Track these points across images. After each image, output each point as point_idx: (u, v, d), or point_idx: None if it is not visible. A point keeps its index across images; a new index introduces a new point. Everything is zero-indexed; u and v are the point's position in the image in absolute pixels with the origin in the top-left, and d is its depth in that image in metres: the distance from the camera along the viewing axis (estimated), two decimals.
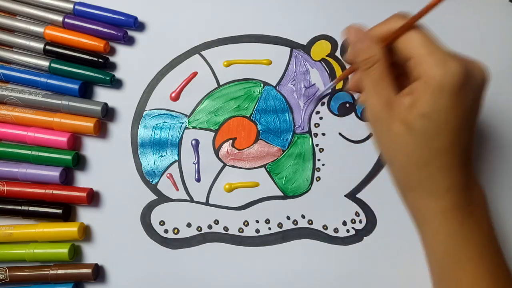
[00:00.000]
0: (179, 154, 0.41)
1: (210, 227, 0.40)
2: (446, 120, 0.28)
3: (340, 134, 0.41)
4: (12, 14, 0.41)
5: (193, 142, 0.41)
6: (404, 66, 0.30)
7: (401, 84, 0.30)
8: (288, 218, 0.40)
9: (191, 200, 0.40)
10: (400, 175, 0.31)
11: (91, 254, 0.39)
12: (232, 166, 0.41)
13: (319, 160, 0.41)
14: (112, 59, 0.42)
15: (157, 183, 0.40)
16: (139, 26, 0.42)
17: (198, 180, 0.40)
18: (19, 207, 0.38)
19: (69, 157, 0.39)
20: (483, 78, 0.29)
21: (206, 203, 0.40)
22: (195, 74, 0.42)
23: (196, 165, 0.41)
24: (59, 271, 0.38)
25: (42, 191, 0.38)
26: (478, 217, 0.30)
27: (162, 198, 0.40)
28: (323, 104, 0.41)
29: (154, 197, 0.40)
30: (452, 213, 0.29)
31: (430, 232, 0.31)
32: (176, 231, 0.40)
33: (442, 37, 0.42)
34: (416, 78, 0.28)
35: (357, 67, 0.31)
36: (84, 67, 0.40)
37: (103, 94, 0.41)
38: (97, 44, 0.40)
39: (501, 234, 0.40)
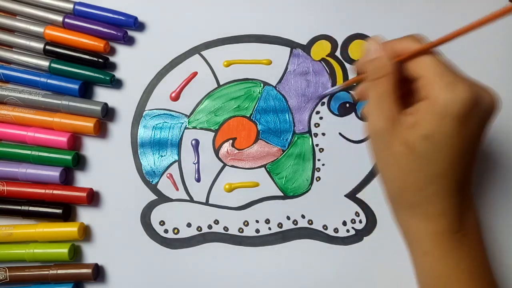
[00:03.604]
0: (179, 154, 0.41)
1: (210, 227, 0.40)
2: (448, 144, 0.27)
3: (340, 134, 0.41)
4: (12, 14, 0.41)
5: (193, 142, 0.41)
6: (412, 86, 0.29)
7: (406, 104, 0.29)
8: (288, 218, 0.40)
9: (191, 200, 0.40)
10: (394, 193, 0.30)
11: (91, 254, 0.39)
12: (232, 166, 0.41)
13: (319, 160, 0.41)
14: (112, 59, 0.42)
15: (157, 183, 0.40)
16: (139, 26, 0.42)
17: (198, 180, 0.40)
18: (19, 207, 0.38)
19: (69, 157, 0.39)
20: (492, 106, 0.28)
21: (206, 203, 0.40)
22: (195, 74, 0.42)
23: (196, 165, 0.41)
24: (59, 271, 0.38)
25: (42, 191, 0.38)
26: (470, 241, 0.30)
27: (162, 198, 0.40)
28: (323, 104, 0.41)
29: (154, 197, 0.40)
30: (443, 237, 0.29)
31: (420, 253, 0.30)
32: (176, 231, 0.40)
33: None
34: (423, 99, 0.28)
35: (365, 76, 0.31)
36: (84, 67, 0.40)
37: (103, 94, 0.41)
38: (97, 44, 0.40)
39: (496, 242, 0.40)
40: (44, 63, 0.40)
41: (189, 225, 0.40)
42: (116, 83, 0.41)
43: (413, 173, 0.28)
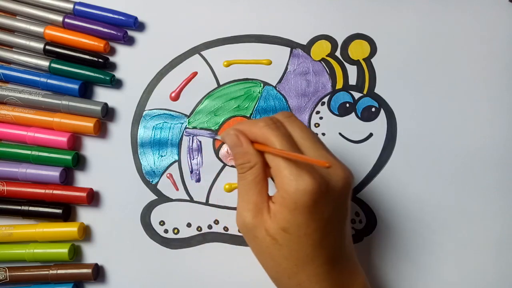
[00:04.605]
0: (179, 154, 0.41)
1: (210, 227, 0.40)
2: (305, 234, 0.28)
3: (340, 134, 0.41)
4: (12, 14, 0.41)
5: (194, 145, 0.41)
6: None
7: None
8: None
9: (191, 200, 0.40)
10: (273, 278, 0.31)
11: (91, 254, 0.39)
12: (232, 166, 0.41)
13: None
14: (112, 59, 0.42)
15: (157, 183, 0.40)
16: (139, 26, 0.42)
17: (198, 180, 0.40)
18: (19, 207, 0.38)
19: (69, 157, 0.39)
20: (344, 185, 0.29)
21: (206, 203, 0.40)
22: (195, 74, 0.42)
23: (196, 165, 0.41)
24: (59, 271, 0.38)
25: (42, 191, 0.38)
26: None
27: (162, 198, 0.40)
28: (323, 104, 0.41)
29: (154, 197, 0.40)
30: None
31: None
32: (176, 231, 0.40)
33: (442, 37, 0.42)
34: (277, 189, 0.28)
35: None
36: (84, 67, 0.40)
37: (103, 94, 0.41)
38: (97, 44, 0.40)
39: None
40: (44, 63, 0.40)
41: (189, 225, 0.40)
42: (116, 83, 0.41)
43: (282, 261, 0.29)
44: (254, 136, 0.30)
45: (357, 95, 0.41)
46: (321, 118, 0.41)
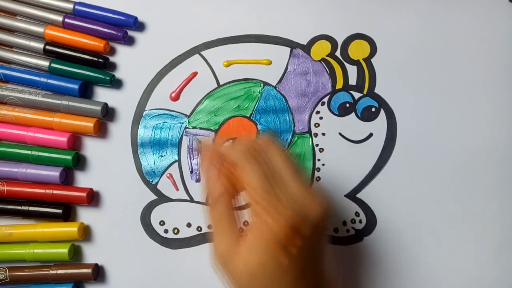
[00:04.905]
0: (179, 154, 0.41)
1: (210, 227, 0.40)
2: (272, 284, 0.27)
3: (340, 134, 0.41)
4: (12, 14, 0.41)
5: (193, 144, 0.41)
6: None
7: None
8: None
9: (191, 200, 0.40)
10: None
11: (91, 254, 0.39)
12: None
13: (319, 160, 0.41)
14: (112, 59, 0.42)
15: (157, 183, 0.40)
16: (139, 26, 0.42)
17: (198, 180, 0.40)
18: (19, 207, 0.38)
19: (69, 157, 0.39)
20: (321, 218, 0.28)
21: (206, 203, 0.40)
22: (195, 74, 0.42)
23: (196, 165, 0.41)
24: (59, 271, 0.38)
25: (42, 191, 0.38)
26: None
27: (162, 198, 0.40)
28: (323, 104, 0.41)
29: (154, 197, 0.40)
30: None
31: None
32: (176, 231, 0.40)
33: (442, 37, 0.42)
34: (249, 228, 0.28)
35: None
36: (84, 67, 0.40)
37: (103, 94, 0.41)
38: (97, 44, 0.40)
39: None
40: (44, 63, 0.40)
41: (189, 225, 0.40)
42: (116, 83, 0.41)
43: None
44: (233, 160, 0.29)
45: (357, 95, 0.41)
46: (321, 118, 0.41)
